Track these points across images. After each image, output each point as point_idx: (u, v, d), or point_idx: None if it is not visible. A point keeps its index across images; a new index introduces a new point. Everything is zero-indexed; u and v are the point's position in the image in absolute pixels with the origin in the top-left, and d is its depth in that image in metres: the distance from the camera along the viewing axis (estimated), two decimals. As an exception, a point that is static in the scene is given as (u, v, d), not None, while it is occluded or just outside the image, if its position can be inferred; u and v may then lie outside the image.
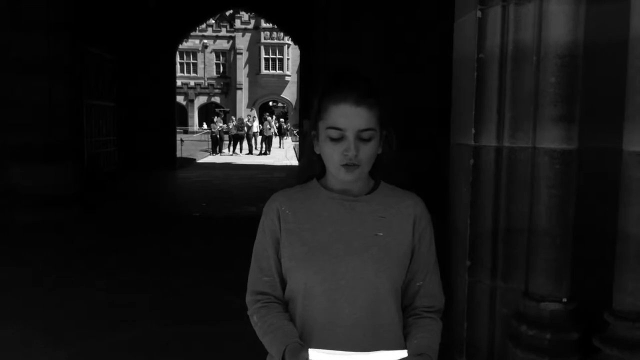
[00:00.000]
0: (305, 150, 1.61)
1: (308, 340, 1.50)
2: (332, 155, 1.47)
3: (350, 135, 1.45)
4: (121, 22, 14.14)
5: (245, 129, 29.92)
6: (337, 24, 9.31)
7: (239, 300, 2.41)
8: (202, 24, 28.84)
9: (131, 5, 14.53)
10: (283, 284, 1.58)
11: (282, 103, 50.91)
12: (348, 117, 1.45)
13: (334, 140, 1.46)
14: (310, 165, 1.60)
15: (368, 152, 1.47)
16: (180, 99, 42.64)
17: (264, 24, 45.78)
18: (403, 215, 1.57)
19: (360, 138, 1.45)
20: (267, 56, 49.42)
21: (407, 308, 1.61)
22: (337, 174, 1.50)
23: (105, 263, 6.40)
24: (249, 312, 1.60)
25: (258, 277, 1.59)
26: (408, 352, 1.44)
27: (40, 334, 4.26)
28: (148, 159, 15.84)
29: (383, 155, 1.54)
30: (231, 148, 28.36)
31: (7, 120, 8.73)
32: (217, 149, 27.44)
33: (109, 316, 4.70)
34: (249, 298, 1.61)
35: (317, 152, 1.54)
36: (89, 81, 10.35)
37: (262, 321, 1.55)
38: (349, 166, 1.46)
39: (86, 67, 10.16)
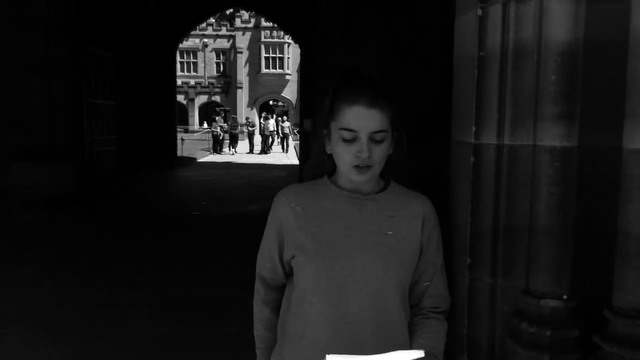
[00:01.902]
0: (314, 149, 1.63)
1: (316, 336, 1.52)
2: (344, 156, 1.49)
3: (363, 136, 1.46)
4: (121, 20, 14.16)
5: (248, 128, 30.02)
6: (337, 24, 9.31)
7: (240, 300, 2.42)
8: (202, 22, 28.87)
9: (131, 4, 14.54)
10: (286, 270, 1.65)
11: (282, 102, 50.91)
12: (361, 118, 1.46)
13: (346, 141, 1.47)
14: (321, 163, 1.61)
15: (380, 153, 1.48)
16: (180, 98, 42.70)
17: (264, 23, 45.83)
18: (412, 215, 1.59)
19: (372, 140, 1.46)
20: (267, 55, 49.45)
21: (413, 307, 1.62)
22: (348, 174, 1.51)
23: (105, 262, 6.41)
24: (255, 292, 1.76)
25: (262, 263, 1.70)
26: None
27: (41, 334, 4.27)
28: (148, 158, 15.86)
29: (394, 155, 1.56)
30: (231, 147, 28.42)
31: (7, 120, 8.76)
32: (218, 148, 27.48)
33: (109, 316, 4.71)
34: (256, 281, 1.75)
35: (329, 152, 1.55)
36: (89, 80, 10.35)
37: (255, 322, 1.79)
38: (360, 167, 1.48)
39: (86, 66, 10.16)
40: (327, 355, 1.38)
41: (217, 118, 29.09)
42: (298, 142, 21.31)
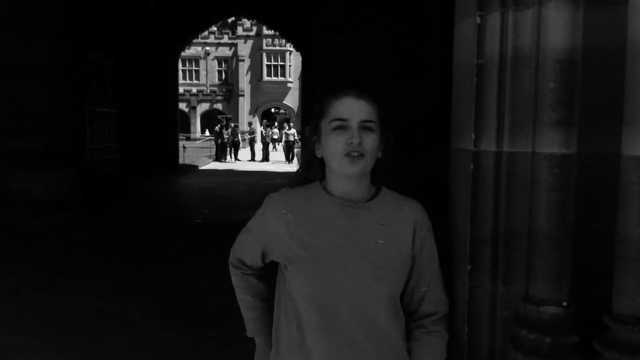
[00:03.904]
0: (304, 154, 1.64)
1: (314, 343, 1.52)
2: (336, 145, 1.51)
3: (354, 124, 1.50)
4: (123, 27, 14.22)
5: (246, 136, 29.99)
6: (338, 27, 9.35)
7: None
8: (204, 31, 29.01)
9: (132, 10, 14.58)
10: (265, 262, 1.71)
11: (284, 109, 51.02)
12: (351, 107, 1.51)
13: (338, 129, 1.50)
14: (309, 168, 1.62)
15: (371, 143, 1.51)
16: (182, 105, 42.80)
17: (266, 31, 46.04)
18: (403, 222, 1.59)
19: (363, 128, 1.49)
20: (269, 63, 49.61)
21: (413, 314, 1.63)
22: (340, 166, 1.52)
23: (107, 268, 6.42)
24: (230, 265, 1.82)
25: (242, 252, 1.75)
26: None
27: (41, 339, 4.27)
28: (150, 165, 15.89)
29: (383, 158, 1.57)
30: (232, 155, 28.49)
31: (7, 125, 8.78)
32: (221, 156, 27.57)
33: (111, 321, 4.72)
34: (231, 257, 1.79)
35: (319, 155, 1.57)
36: (90, 87, 10.36)
37: (237, 290, 1.84)
38: (353, 157, 1.48)
39: (87, 72, 10.17)
40: None
41: (224, 126, 29.08)
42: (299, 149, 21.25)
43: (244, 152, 30.06)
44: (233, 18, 41.22)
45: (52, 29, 8.92)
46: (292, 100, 48.16)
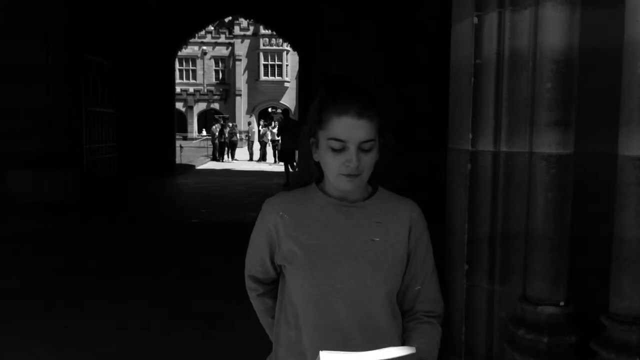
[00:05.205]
0: (301, 156, 1.64)
1: (310, 342, 1.53)
2: (332, 165, 1.49)
3: (352, 146, 1.47)
4: (120, 28, 14.19)
5: (243, 135, 29.92)
6: (336, 27, 9.34)
7: (241, 306, 2.43)
8: (201, 30, 28.96)
9: (130, 10, 14.56)
10: (277, 270, 1.67)
11: (280, 109, 51.04)
12: (350, 129, 1.47)
13: (335, 151, 1.48)
14: (308, 170, 1.62)
15: (368, 161, 1.49)
16: (179, 105, 42.76)
17: (263, 31, 46.02)
18: (399, 221, 1.59)
19: (361, 149, 1.47)
20: (266, 62, 49.60)
21: (407, 312, 1.63)
22: (337, 183, 1.52)
23: (105, 270, 6.41)
24: (247, 290, 1.79)
25: (253, 266, 1.71)
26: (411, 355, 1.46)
27: (41, 340, 4.26)
28: (147, 165, 15.86)
29: (380, 161, 1.56)
30: (229, 155, 28.49)
31: (5, 127, 8.74)
32: (218, 156, 27.54)
33: (109, 322, 4.71)
34: (247, 280, 1.76)
35: (316, 159, 1.56)
36: (88, 88, 10.34)
37: (258, 314, 1.81)
38: (350, 175, 1.48)
39: (85, 73, 10.14)
40: (320, 352, 1.39)
41: (224, 125, 29.03)
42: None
43: (242, 152, 30.07)
44: (230, 18, 41.21)
45: (51, 31, 8.89)
46: (289, 99, 48.18)
